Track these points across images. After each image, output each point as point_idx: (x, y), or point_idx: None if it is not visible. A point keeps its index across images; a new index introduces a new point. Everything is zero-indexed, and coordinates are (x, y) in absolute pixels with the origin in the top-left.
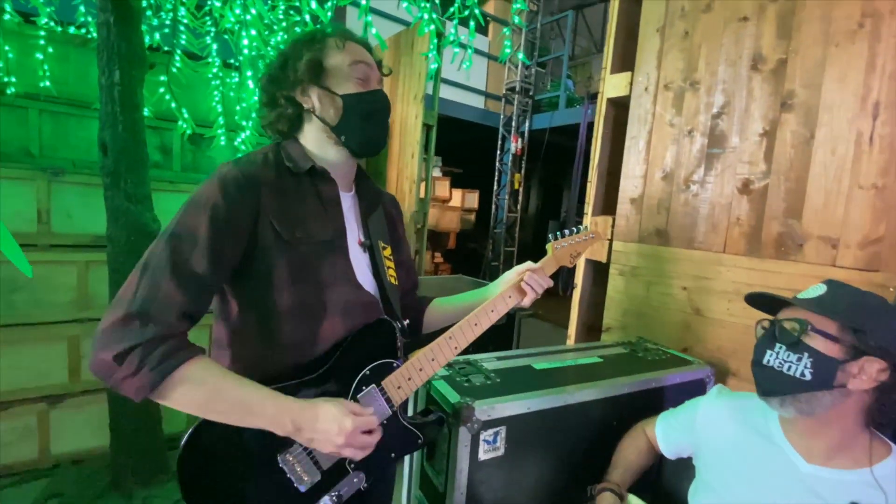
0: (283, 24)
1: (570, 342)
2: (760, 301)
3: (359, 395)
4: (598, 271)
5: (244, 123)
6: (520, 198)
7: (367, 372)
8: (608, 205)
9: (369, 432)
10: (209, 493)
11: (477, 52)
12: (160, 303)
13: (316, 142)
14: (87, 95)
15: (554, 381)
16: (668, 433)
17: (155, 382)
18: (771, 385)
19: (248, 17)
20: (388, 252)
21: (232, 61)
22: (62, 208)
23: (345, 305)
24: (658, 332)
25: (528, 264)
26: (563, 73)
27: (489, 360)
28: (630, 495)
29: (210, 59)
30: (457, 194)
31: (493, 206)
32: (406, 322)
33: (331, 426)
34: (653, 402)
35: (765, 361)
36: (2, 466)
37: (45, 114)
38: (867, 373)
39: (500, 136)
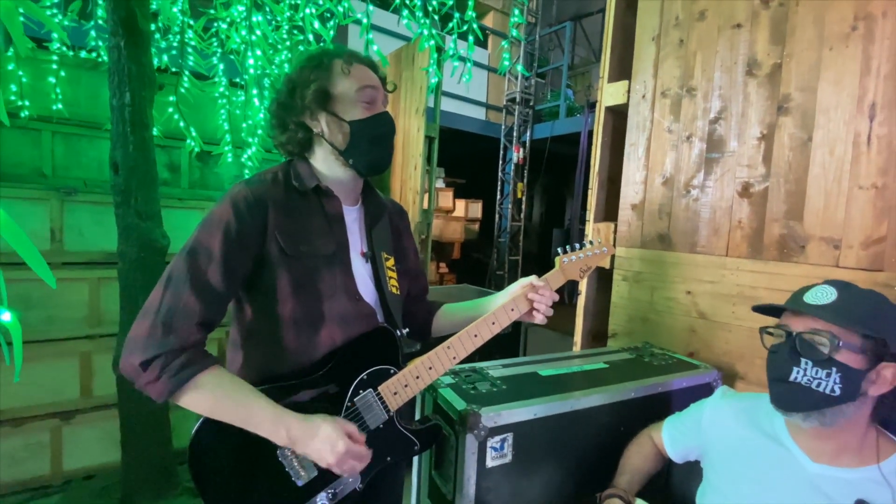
0: (287, 42)
1: (577, 350)
2: (768, 309)
3: (356, 399)
4: (602, 278)
5: (250, 140)
6: (523, 207)
7: (365, 377)
8: (610, 211)
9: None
10: (216, 482)
11: (477, 64)
12: (181, 313)
13: (325, 162)
14: (98, 116)
15: (560, 388)
16: (675, 437)
17: (172, 390)
18: (797, 401)
19: (254, 37)
20: (390, 262)
21: (238, 80)
22: (74, 226)
23: (343, 316)
24: (664, 337)
25: (533, 278)
26: (563, 82)
27: (495, 368)
28: (638, 500)
29: (217, 79)
30: (460, 205)
31: (497, 216)
32: (406, 330)
33: (324, 446)
34: (660, 407)
35: (792, 379)
36: (16, 482)
37: (58, 135)
38: (884, 378)
39: (501, 147)
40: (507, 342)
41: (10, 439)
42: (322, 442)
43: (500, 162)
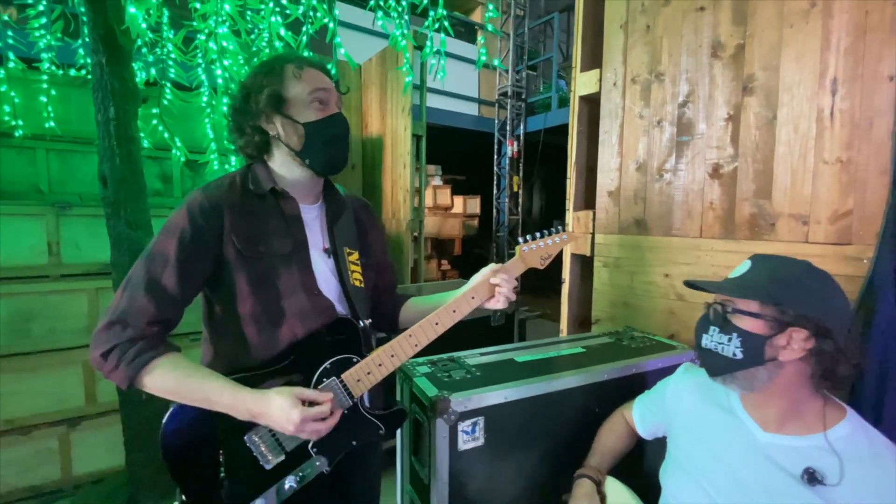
0: (267, 50)
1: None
2: (699, 287)
3: (320, 387)
4: (584, 265)
5: (232, 147)
6: (520, 200)
7: (328, 366)
8: (589, 199)
9: (325, 419)
10: (189, 471)
11: (465, 60)
12: (134, 311)
13: (283, 163)
14: (89, 132)
15: (534, 372)
16: (644, 414)
17: (132, 375)
18: (713, 365)
19: (229, 46)
20: (354, 257)
21: (223, 89)
22: (71, 240)
23: (302, 311)
24: (644, 321)
25: (493, 266)
26: (554, 74)
27: (472, 356)
28: (609, 478)
29: (202, 89)
30: (458, 201)
31: (494, 211)
32: (369, 321)
33: (280, 415)
34: (636, 388)
35: (703, 344)
36: (28, 488)
37: (52, 152)
38: (794, 343)
39: (495, 141)
40: (503, 333)
41: (20, 447)
42: (278, 412)
43: (495, 156)
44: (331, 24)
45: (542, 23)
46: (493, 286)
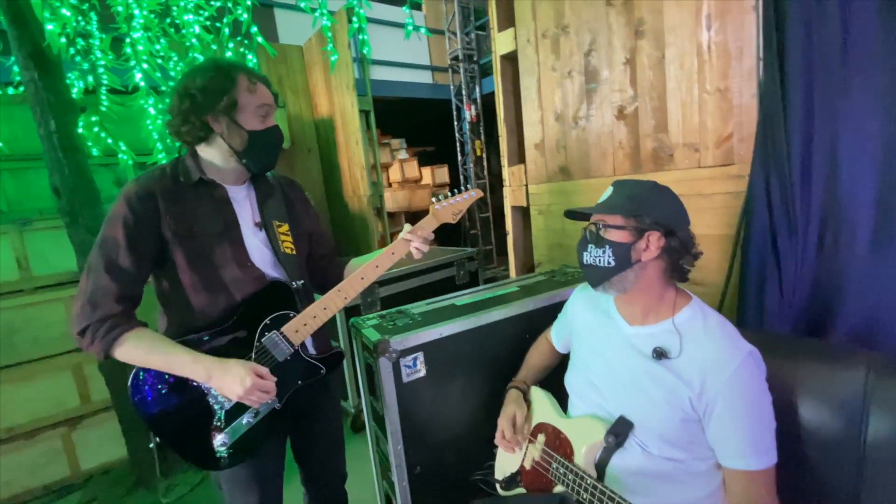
0: (200, 49)
1: None
2: (577, 216)
3: (262, 339)
4: (524, 215)
5: (177, 145)
6: (485, 164)
7: (268, 321)
8: (522, 154)
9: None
10: (155, 415)
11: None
12: (100, 292)
13: (218, 156)
14: (38, 147)
15: (469, 311)
16: (557, 331)
17: (106, 348)
18: (593, 277)
19: (156, 46)
20: (284, 228)
21: (163, 88)
22: (38, 253)
23: (235, 280)
24: (576, 257)
25: (408, 226)
26: None
27: (419, 307)
28: (533, 388)
29: (140, 90)
30: (426, 172)
31: (462, 177)
32: (302, 282)
33: (234, 381)
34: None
35: (584, 262)
36: (40, 487)
37: (5, 172)
38: (651, 245)
39: (454, 107)
40: None
41: (27, 450)
42: (233, 377)
43: (456, 122)
44: (244, 16)
45: None
46: (408, 241)
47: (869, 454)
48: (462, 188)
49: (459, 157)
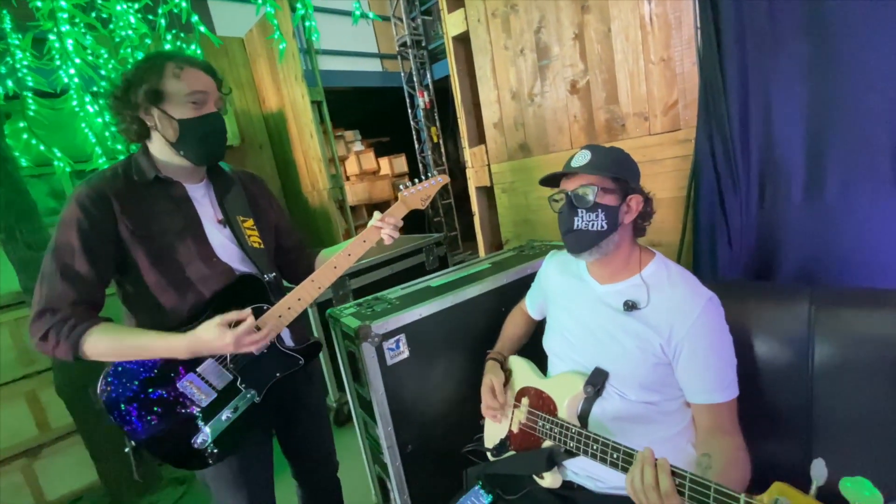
0: (136, 42)
1: None
2: (550, 180)
3: None
4: (489, 195)
5: (119, 147)
6: (442, 150)
7: None
8: (481, 135)
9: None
10: (128, 417)
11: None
12: (59, 298)
13: (161, 151)
14: None
15: (446, 290)
16: (531, 299)
17: (73, 346)
18: (582, 243)
19: (85, 42)
20: (249, 223)
21: (95, 89)
22: None
23: (202, 277)
24: (542, 231)
25: (377, 213)
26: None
27: (394, 292)
28: (511, 357)
29: (70, 93)
30: (384, 163)
31: (420, 165)
32: (273, 274)
33: (215, 341)
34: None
35: (575, 227)
36: None
37: None
38: (633, 207)
39: (406, 94)
40: None
41: None
42: (212, 339)
43: (409, 110)
44: (183, 4)
45: None
46: (378, 229)
47: (816, 376)
48: (431, 174)
49: (417, 146)
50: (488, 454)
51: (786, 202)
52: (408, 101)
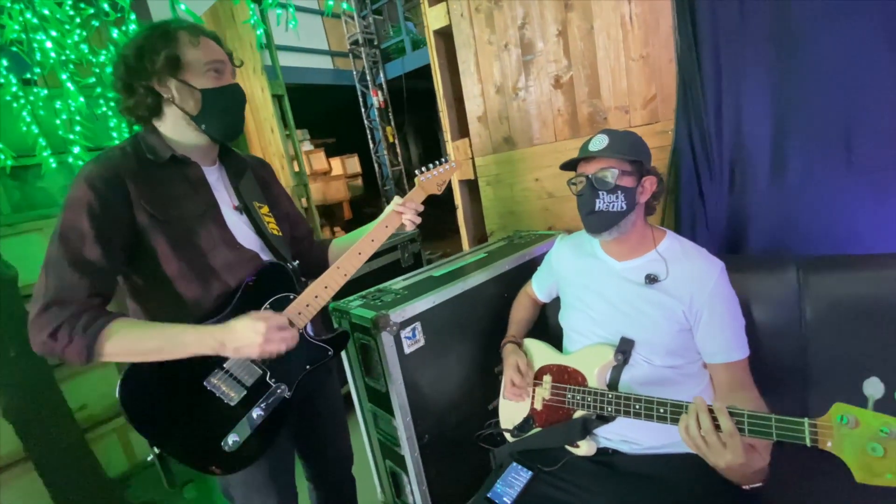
0: (77, 20)
1: None
2: (570, 164)
3: None
4: (472, 188)
5: (70, 137)
6: (398, 150)
7: (268, 306)
8: (463, 128)
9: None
10: (156, 424)
11: (307, 10)
12: (69, 288)
13: (175, 127)
14: None
15: (452, 279)
16: (540, 282)
17: (89, 344)
18: (603, 223)
19: (41, 16)
20: (265, 210)
21: (29, 76)
22: None
23: (228, 264)
24: (527, 222)
25: (398, 198)
26: (400, 16)
27: (397, 283)
28: (526, 339)
29: (2, 80)
30: (336, 163)
31: (376, 165)
32: (297, 262)
33: (248, 333)
34: (530, 271)
35: (597, 209)
36: None
37: None
38: (647, 188)
39: (359, 94)
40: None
41: None
42: (244, 330)
43: (363, 109)
44: None
45: None
46: (400, 214)
47: (809, 336)
48: (443, 160)
49: (371, 145)
50: (507, 435)
51: (753, 185)
52: (361, 100)
